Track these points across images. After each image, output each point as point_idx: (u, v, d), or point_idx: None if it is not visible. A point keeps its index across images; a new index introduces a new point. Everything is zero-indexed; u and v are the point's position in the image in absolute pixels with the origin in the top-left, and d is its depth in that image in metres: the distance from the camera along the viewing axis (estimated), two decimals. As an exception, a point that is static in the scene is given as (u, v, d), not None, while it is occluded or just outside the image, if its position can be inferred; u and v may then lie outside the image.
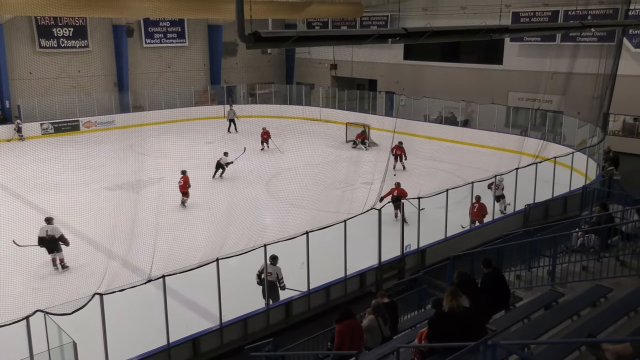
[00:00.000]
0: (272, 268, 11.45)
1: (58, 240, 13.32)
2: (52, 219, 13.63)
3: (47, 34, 30.12)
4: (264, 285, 11.35)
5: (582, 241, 10.27)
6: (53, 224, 13.50)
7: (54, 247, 13.36)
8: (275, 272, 11.49)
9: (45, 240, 13.28)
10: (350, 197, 16.91)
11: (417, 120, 29.86)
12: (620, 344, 5.38)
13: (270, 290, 11.43)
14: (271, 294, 11.47)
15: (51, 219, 13.61)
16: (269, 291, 11.41)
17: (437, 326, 6.87)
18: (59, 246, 13.39)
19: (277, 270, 11.52)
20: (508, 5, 26.38)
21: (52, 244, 13.31)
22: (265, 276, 11.30)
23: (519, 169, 16.47)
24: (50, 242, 13.28)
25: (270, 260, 11.41)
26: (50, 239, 13.27)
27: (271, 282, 11.42)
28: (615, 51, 19.85)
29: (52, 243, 13.29)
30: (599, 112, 20.34)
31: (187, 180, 18.07)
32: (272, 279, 11.44)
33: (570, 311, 7.76)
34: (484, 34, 10.83)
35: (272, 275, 11.41)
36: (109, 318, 9.22)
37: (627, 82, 22.99)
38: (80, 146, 21.39)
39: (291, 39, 7.94)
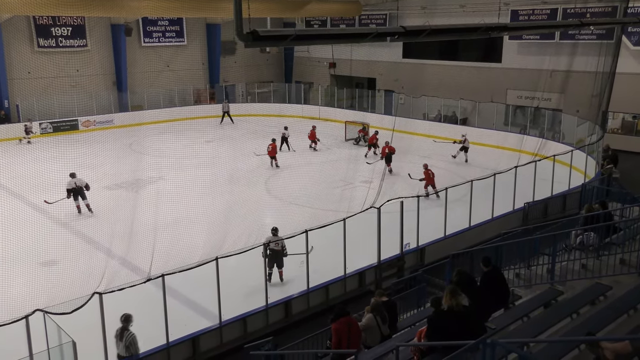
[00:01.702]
0: (277, 238, 12.43)
1: (84, 188, 16.72)
2: (75, 174, 16.83)
3: (45, 33, 30.06)
4: (269, 256, 12.08)
5: (582, 239, 10.28)
6: (77, 177, 16.71)
7: (82, 195, 16.74)
8: (280, 242, 12.38)
9: (74, 190, 16.62)
10: (350, 195, 16.91)
11: (416, 118, 29.84)
12: (620, 342, 5.38)
13: (276, 258, 12.32)
14: (277, 261, 12.37)
15: (74, 174, 16.82)
16: (276, 259, 12.32)
17: (437, 325, 6.87)
18: (85, 193, 16.70)
19: (281, 240, 12.39)
20: (507, 3, 26.38)
21: (79, 192, 16.65)
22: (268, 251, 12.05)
23: (518, 167, 16.47)
24: (79, 191, 16.65)
25: (273, 232, 12.54)
26: (78, 189, 16.61)
27: (277, 250, 12.32)
28: (614, 49, 19.85)
29: (79, 191, 16.64)
30: (598, 110, 20.34)
31: (275, 147, 22.68)
32: (277, 248, 12.32)
33: (569, 309, 7.76)
34: (483, 32, 10.83)
35: (278, 245, 12.32)
36: (109, 317, 9.22)
37: (626, 80, 22.98)
38: (79, 145, 21.34)
39: (289, 37, 7.93)
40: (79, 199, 16.82)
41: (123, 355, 9.22)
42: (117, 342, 9.20)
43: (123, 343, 9.13)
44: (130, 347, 9.16)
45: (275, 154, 22.80)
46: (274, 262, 12.28)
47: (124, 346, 9.13)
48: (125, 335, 9.11)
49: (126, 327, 9.15)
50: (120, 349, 9.21)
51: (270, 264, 12.13)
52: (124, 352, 9.17)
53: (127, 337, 9.10)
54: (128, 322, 9.14)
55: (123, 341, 9.12)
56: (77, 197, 16.78)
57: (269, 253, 12.13)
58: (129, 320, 9.14)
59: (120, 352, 9.22)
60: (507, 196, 16.12)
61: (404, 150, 23.01)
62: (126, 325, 9.14)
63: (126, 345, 9.12)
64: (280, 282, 12.43)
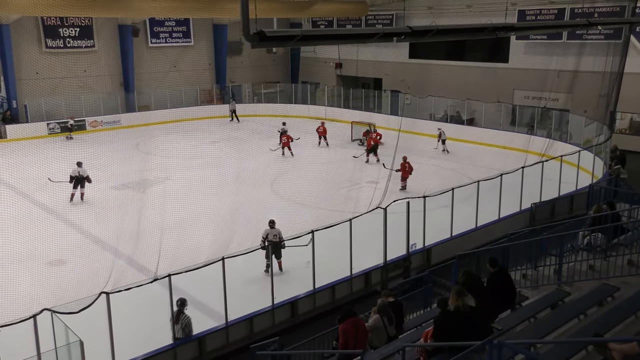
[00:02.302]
0: (275, 230, 13.01)
1: (85, 179, 18.10)
2: (81, 163, 18.22)
3: (53, 34, 30.25)
4: (268, 248, 12.66)
5: (589, 240, 10.23)
6: (82, 167, 18.15)
7: (81, 184, 18.18)
8: (278, 234, 12.95)
9: (76, 177, 18.06)
10: (356, 196, 16.90)
11: (422, 118, 29.79)
12: (627, 343, 5.35)
13: (275, 249, 12.74)
14: (276, 252, 12.78)
15: (81, 163, 18.22)
16: (274, 250, 12.71)
17: (443, 325, 6.86)
18: (84, 183, 18.16)
19: (278, 232, 13.00)
20: (514, 3, 26.30)
21: (80, 181, 18.14)
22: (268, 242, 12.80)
23: (525, 167, 16.41)
24: (79, 180, 18.12)
25: (270, 224, 13.07)
26: (79, 177, 18.09)
27: (275, 242, 12.84)
28: (622, 49, 19.75)
29: (80, 180, 18.13)
30: (606, 110, 20.23)
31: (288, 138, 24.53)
32: (276, 239, 12.89)
33: (576, 310, 7.72)
34: (490, 32, 10.81)
35: (276, 237, 12.89)
36: (115, 317, 9.26)
37: (634, 80, 22.84)
38: (87, 145, 21.46)
39: (296, 38, 7.94)
40: (78, 187, 18.23)
41: (179, 337, 9.97)
42: (173, 325, 9.93)
43: (180, 325, 9.90)
44: (185, 329, 9.97)
45: (289, 144, 24.49)
46: (273, 253, 12.67)
47: (181, 328, 9.93)
48: (181, 318, 9.90)
49: (182, 310, 9.92)
50: (176, 331, 9.93)
51: (269, 254, 12.61)
52: (181, 334, 9.97)
53: (183, 319, 9.92)
54: (183, 306, 9.94)
55: (180, 323, 9.90)
56: (77, 185, 18.16)
57: (267, 245, 12.78)
58: (184, 304, 9.93)
59: (176, 334, 9.96)
60: (514, 197, 16.06)
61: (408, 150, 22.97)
62: (182, 308, 9.92)
63: (182, 327, 9.92)
64: (280, 272, 12.66)
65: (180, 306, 9.89)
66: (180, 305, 9.89)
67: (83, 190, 18.30)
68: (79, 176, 18.09)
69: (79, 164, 18.22)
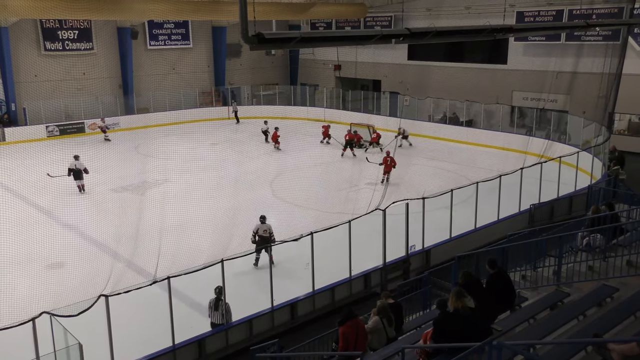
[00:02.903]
0: (265, 226, 13.49)
1: (82, 171, 19.41)
2: (78, 156, 19.47)
3: (52, 36, 30.26)
4: (258, 242, 13.26)
5: (588, 241, 10.23)
6: (79, 160, 19.41)
7: (80, 176, 19.47)
8: (268, 229, 13.44)
9: (73, 170, 19.36)
10: (355, 197, 16.91)
11: (421, 120, 29.82)
12: (627, 344, 5.35)
13: (265, 243, 13.20)
14: (266, 247, 13.06)
15: (78, 156, 19.47)
16: (265, 245, 13.12)
17: (442, 327, 6.86)
18: (82, 175, 19.44)
19: (269, 227, 13.48)
20: (512, 5, 26.32)
21: (78, 173, 19.44)
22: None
23: (524, 168, 16.43)
24: (77, 172, 19.42)
25: (261, 220, 13.54)
26: (77, 170, 19.37)
27: (265, 237, 13.35)
28: (620, 50, 19.78)
29: (78, 172, 19.43)
30: (604, 112, 20.26)
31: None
32: (266, 235, 13.41)
33: (576, 311, 7.73)
34: (488, 34, 10.82)
35: (266, 232, 13.41)
36: (115, 319, 9.25)
37: (633, 81, 22.87)
38: (86, 148, 21.46)
39: (295, 39, 7.96)
40: (77, 179, 19.55)
41: (218, 323, 10.48)
42: (212, 311, 10.45)
43: (220, 312, 10.42)
44: (226, 315, 10.50)
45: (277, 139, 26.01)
46: (263, 247, 13.17)
47: (221, 314, 10.44)
48: (220, 304, 10.39)
49: (220, 297, 10.37)
50: (215, 317, 10.47)
51: (259, 249, 13.16)
52: (221, 320, 10.48)
53: (223, 306, 10.42)
54: (221, 294, 10.38)
55: (220, 310, 10.41)
56: (76, 177, 19.49)
57: (258, 239, 13.34)
58: (222, 291, 10.37)
59: (216, 320, 10.49)
60: (513, 198, 16.07)
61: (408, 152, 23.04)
62: (219, 296, 10.37)
63: (223, 313, 10.43)
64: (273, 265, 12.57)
65: (218, 293, 10.33)
66: (218, 293, 10.33)
67: (82, 182, 19.50)
68: (76, 169, 19.36)
69: (76, 157, 19.49)
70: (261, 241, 13.30)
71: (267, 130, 27.82)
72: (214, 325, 10.51)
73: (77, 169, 19.43)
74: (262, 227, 13.47)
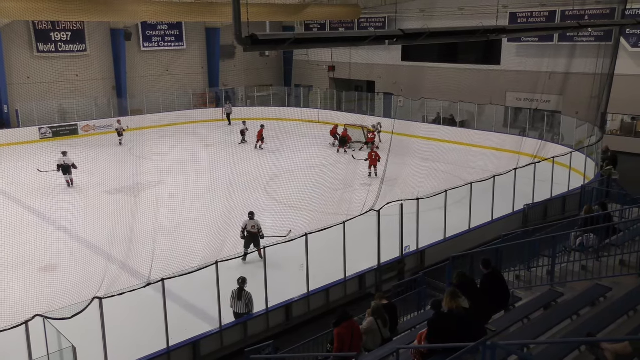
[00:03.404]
0: (253, 222, 13.82)
1: (70, 167, 20.26)
2: (66, 152, 20.39)
3: (44, 38, 30.12)
4: (246, 237, 13.65)
5: (581, 241, 10.28)
6: (67, 156, 20.29)
7: (68, 171, 20.34)
8: (256, 225, 13.78)
9: (62, 166, 20.30)
10: (349, 198, 16.91)
11: (415, 121, 29.88)
12: (620, 343, 5.37)
13: (253, 239, 13.71)
14: (254, 242, 13.71)
15: (66, 152, 20.38)
16: (253, 240, 13.69)
17: (437, 327, 6.87)
18: (71, 170, 20.30)
19: (257, 223, 13.82)
20: (505, 6, 26.42)
21: (67, 169, 20.32)
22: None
23: (517, 169, 16.48)
24: (66, 167, 20.32)
25: (250, 216, 13.89)
26: (65, 165, 20.28)
27: (254, 233, 13.73)
28: (612, 51, 19.88)
29: (66, 168, 20.32)
30: (597, 112, 20.36)
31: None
32: (254, 230, 13.75)
33: (569, 311, 7.76)
34: (481, 35, 10.86)
35: (254, 228, 13.75)
36: (109, 322, 9.21)
37: (625, 82, 23.01)
38: (79, 150, 21.40)
39: (288, 41, 7.95)
40: (66, 174, 20.35)
41: (241, 313, 10.80)
42: (235, 301, 10.76)
43: (243, 301, 10.73)
44: (249, 304, 10.79)
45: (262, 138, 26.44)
46: (251, 242, 13.69)
47: (244, 304, 10.74)
48: (243, 294, 10.72)
49: (243, 287, 10.72)
50: (238, 307, 10.77)
51: (247, 244, 13.62)
52: (244, 309, 10.80)
53: (246, 295, 10.75)
54: (244, 284, 10.76)
55: (243, 299, 10.73)
56: (64, 172, 20.32)
57: (246, 235, 13.70)
58: (245, 282, 10.77)
59: (239, 310, 10.80)
60: (506, 198, 16.13)
61: (403, 153, 23.06)
62: (242, 286, 10.73)
63: (246, 302, 10.74)
64: (260, 259, 12.87)
65: (241, 284, 10.68)
66: (241, 283, 10.68)
67: (71, 176, 20.34)
68: (64, 164, 20.27)
69: (64, 153, 20.40)
70: (249, 237, 13.72)
71: (245, 130, 28.10)
72: (237, 315, 10.82)
73: (66, 164, 20.31)
74: (250, 222, 13.82)
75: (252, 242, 13.71)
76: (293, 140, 27.36)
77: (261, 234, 13.77)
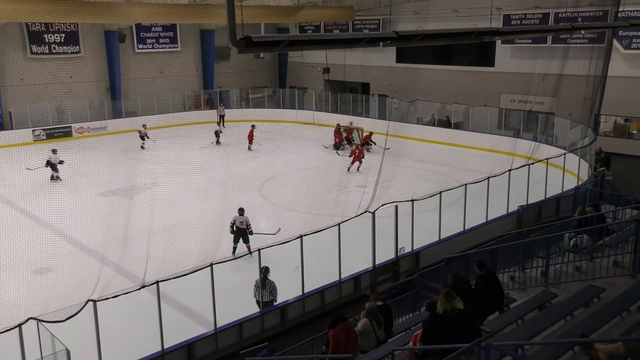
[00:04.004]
0: (242, 218, 14.07)
1: (57, 165, 21.42)
2: (56, 150, 21.72)
3: (38, 40, 30.00)
4: (235, 233, 14.03)
5: (575, 242, 10.33)
6: (57, 154, 21.48)
7: (55, 168, 21.45)
8: (245, 221, 14.05)
9: (51, 163, 21.41)
10: (344, 200, 16.92)
11: (410, 122, 29.93)
12: (613, 343, 5.40)
13: (242, 235, 14.02)
14: (243, 237, 14.03)
15: (56, 150, 21.70)
16: (242, 235, 14.00)
17: (432, 328, 6.88)
18: (57, 167, 21.40)
19: (246, 219, 14.09)
20: (499, 8, 26.53)
21: (54, 166, 21.46)
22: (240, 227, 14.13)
23: (511, 170, 16.54)
24: (54, 165, 21.46)
25: (239, 212, 14.15)
26: (54, 163, 21.41)
27: (242, 229, 14.01)
28: (605, 52, 19.99)
29: (54, 165, 21.48)
30: (590, 113, 20.47)
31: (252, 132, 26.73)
32: (243, 226, 14.01)
33: (563, 312, 7.78)
34: (475, 37, 10.87)
35: (243, 224, 14.01)
36: (103, 325, 9.18)
37: (618, 83, 23.14)
38: (73, 152, 21.34)
39: (283, 43, 7.94)
40: (53, 170, 21.36)
41: (266, 301, 11.15)
42: (259, 290, 11.13)
43: (267, 289, 11.08)
44: (272, 292, 11.15)
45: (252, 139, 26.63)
46: (240, 237, 14.03)
47: (268, 291, 11.10)
48: (267, 283, 11.07)
49: (266, 276, 11.06)
50: (263, 296, 11.11)
51: (236, 239, 14.02)
52: (268, 297, 11.16)
53: (270, 284, 11.11)
54: (267, 272, 11.09)
55: (267, 288, 11.07)
56: (53, 168, 21.33)
57: (235, 230, 14.04)
58: (268, 270, 11.08)
59: (264, 298, 11.14)
60: (501, 199, 16.18)
61: (397, 154, 23.13)
62: (266, 274, 11.06)
63: (270, 290, 11.09)
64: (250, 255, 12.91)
65: (264, 272, 11.01)
66: (264, 272, 11.01)
67: (58, 173, 21.27)
68: (53, 162, 21.32)
69: (54, 151, 21.57)
70: (238, 232, 14.08)
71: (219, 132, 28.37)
72: (263, 304, 11.17)
73: (54, 162, 21.46)
74: (239, 218, 14.10)
75: (241, 237, 14.04)
76: (288, 142, 27.34)
77: (249, 230, 14.06)
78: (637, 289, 7.94)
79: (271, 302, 11.29)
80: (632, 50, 24.15)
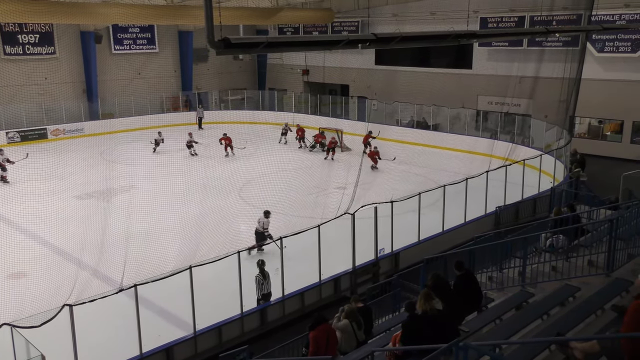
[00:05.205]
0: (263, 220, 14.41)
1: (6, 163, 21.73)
2: (2, 150, 22.29)
3: (12, 40, 29.45)
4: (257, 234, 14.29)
5: (551, 242, 10.48)
6: (4, 154, 21.95)
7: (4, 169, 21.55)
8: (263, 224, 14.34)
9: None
10: (324, 202, 16.93)
11: (389, 124, 30.08)
12: (588, 342, 5.49)
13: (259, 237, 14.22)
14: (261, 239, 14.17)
15: (2, 150, 22.28)
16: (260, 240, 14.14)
17: (411, 329, 6.92)
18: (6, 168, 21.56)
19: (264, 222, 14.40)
20: (476, 11, 26.84)
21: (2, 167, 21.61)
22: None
23: (489, 171, 16.73)
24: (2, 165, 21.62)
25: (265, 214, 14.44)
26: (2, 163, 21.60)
27: (260, 232, 14.28)
28: (579, 55, 20.36)
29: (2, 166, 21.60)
30: (566, 115, 20.81)
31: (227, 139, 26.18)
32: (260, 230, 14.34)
33: (540, 311, 7.88)
34: (453, 39, 10.99)
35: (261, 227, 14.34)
36: (79, 329, 9.04)
37: (592, 86, 23.57)
38: (48, 155, 20.94)
39: (261, 44, 7.93)
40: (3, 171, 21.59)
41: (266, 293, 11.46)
42: (262, 285, 11.37)
43: (268, 280, 11.43)
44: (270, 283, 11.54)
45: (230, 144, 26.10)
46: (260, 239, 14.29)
47: (269, 282, 11.47)
48: (266, 274, 11.46)
49: (263, 268, 11.41)
50: (267, 287, 11.42)
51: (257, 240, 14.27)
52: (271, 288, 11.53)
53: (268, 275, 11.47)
54: (264, 264, 11.50)
55: (268, 278, 11.44)
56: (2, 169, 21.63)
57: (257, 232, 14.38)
58: (264, 263, 11.54)
59: (267, 289, 11.47)
60: (479, 200, 16.36)
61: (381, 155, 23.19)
62: (263, 267, 11.43)
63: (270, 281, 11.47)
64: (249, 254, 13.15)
65: (262, 265, 11.42)
66: (261, 264, 11.42)
67: (6, 173, 21.41)
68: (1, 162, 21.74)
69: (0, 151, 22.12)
70: (259, 234, 14.41)
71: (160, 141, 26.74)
72: (266, 296, 11.44)
73: (1, 163, 21.66)
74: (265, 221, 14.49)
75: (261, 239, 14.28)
76: (267, 144, 27.27)
77: (268, 234, 14.23)
78: (611, 288, 8.08)
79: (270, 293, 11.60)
80: (606, 54, 24.63)
